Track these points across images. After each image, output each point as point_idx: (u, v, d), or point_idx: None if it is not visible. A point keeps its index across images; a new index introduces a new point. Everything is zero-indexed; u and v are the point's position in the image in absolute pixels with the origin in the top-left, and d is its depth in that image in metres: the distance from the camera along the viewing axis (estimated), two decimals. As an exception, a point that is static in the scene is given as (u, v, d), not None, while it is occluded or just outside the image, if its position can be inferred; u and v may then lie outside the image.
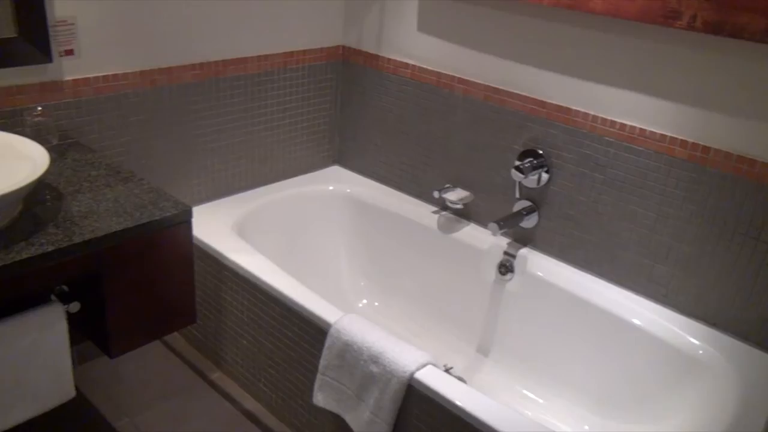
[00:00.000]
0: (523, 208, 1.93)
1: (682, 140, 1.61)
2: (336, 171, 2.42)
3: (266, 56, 2.09)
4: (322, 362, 1.59)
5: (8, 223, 1.28)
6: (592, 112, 1.75)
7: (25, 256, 1.18)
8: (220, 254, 1.84)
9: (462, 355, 2.08)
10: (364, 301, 2.28)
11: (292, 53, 2.15)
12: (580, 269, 1.88)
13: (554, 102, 1.82)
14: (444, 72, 2.03)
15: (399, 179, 2.28)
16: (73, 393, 1.36)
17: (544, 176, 1.87)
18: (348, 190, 2.30)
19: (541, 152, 1.86)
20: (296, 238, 2.23)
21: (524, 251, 1.95)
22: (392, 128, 2.24)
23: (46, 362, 1.29)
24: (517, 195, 1.94)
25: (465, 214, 2.11)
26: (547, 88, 1.83)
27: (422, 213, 2.17)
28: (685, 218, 1.65)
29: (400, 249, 2.22)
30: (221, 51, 1.97)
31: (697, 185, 1.61)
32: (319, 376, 1.61)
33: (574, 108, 1.78)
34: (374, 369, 1.48)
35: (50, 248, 1.21)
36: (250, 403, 1.90)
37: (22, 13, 1.54)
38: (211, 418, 1.85)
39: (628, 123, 1.69)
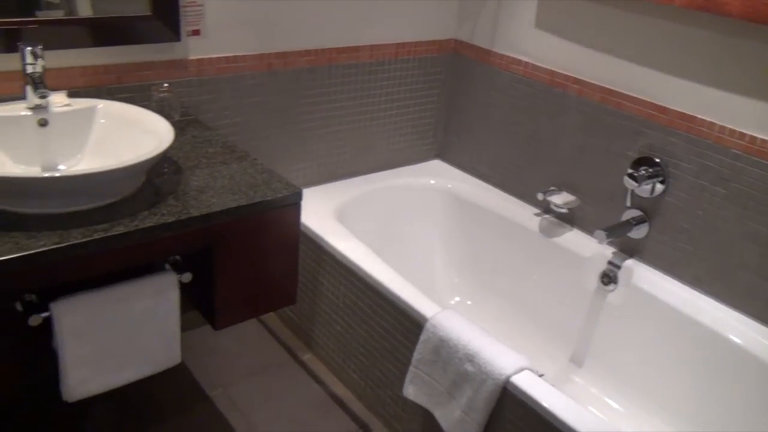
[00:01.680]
0: (633, 218, 1.85)
1: (820, 158, 1.50)
2: (437, 165, 2.40)
3: (379, 46, 2.09)
4: (416, 355, 1.59)
5: (133, 193, 1.34)
6: (719, 122, 1.65)
7: (147, 224, 1.23)
8: (321, 238, 1.87)
9: (554, 362, 2.02)
10: (457, 298, 2.26)
11: (404, 44, 2.15)
12: (689, 286, 1.78)
13: (677, 109, 1.73)
14: (558, 71, 1.97)
15: (501, 178, 2.24)
16: (179, 359, 1.42)
17: (659, 186, 1.78)
18: (449, 186, 2.28)
19: (657, 161, 1.77)
20: (393, 229, 2.23)
21: (630, 262, 1.87)
22: (499, 125, 2.20)
23: (157, 327, 1.35)
24: (628, 203, 1.86)
25: (569, 218, 2.05)
26: (670, 93, 1.74)
27: (524, 214, 2.12)
28: (815, 242, 1.54)
29: (498, 249, 2.18)
30: (335, 39, 1.99)
31: (833, 208, 1.49)
32: (411, 369, 1.60)
33: (699, 116, 1.68)
34: (469, 368, 1.46)
35: (170, 219, 1.26)
36: (338, 388, 1.92)
37: (157, -7, 1.61)
38: (299, 397, 1.89)
39: (759, 136, 1.58)
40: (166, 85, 1.64)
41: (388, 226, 2.22)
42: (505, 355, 1.44)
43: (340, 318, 1.89)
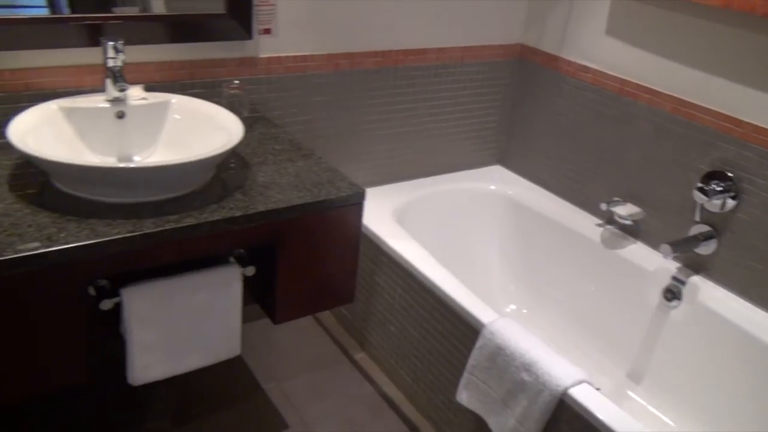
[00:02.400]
0: (701, 233, 1.79)
1: None
2: (498, 171, 2.38)
3: (445, 49, 2.09)
4: (471, 361, 1.58)
5: (202, 186, 1.37)
6: (799, 138, 1.58)
7: (216, 217, 1.26)
8: (379, 239, 1.88)
9: (610, 377, 1.98)
10: (513, 306, 2.23)
11: (470, 48, 2.14)
12: (759, 307, 1.72)
13: (752, 122, 1.67)
14: (629, 79, 1.93)
15: (564, 186, 2.20)
16: (239, 350, 1.45)
17: (730, 202, 1.72)
18: (510, 192, 2.26)
19: (730, 175, 1.71)
20: (451, 233, 2.23)
21: (696, 279, 1.81)
22: (563, 133, 2.16)
23: (220, 318, 1.38)
24: (697, 218, 1.80)
25: (633, 231, 2.00)
26: (746, 105, 1.68)
27: (585, 224, 2.08)
28: None
29: (557, 258, 2.15)
30: (403, 41, 2.00)
31: None
32: (465, 375, 1.60)
33: (777, 131, 1.62)
34: (525, 377, 1.44)
35: (237, 213, 1.29)
36: (390, 389, 1.93)
37: (232, -8, 1.65)
38: (351, 396, 1.90)
39: (843, 153, 1.51)
40: (236, 82, 1.67)
41: (446, 229, 2.21)
42: (564, 366, 1.41)
43: (394, 319, 1.89)
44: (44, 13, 1.48)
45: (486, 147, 2.36)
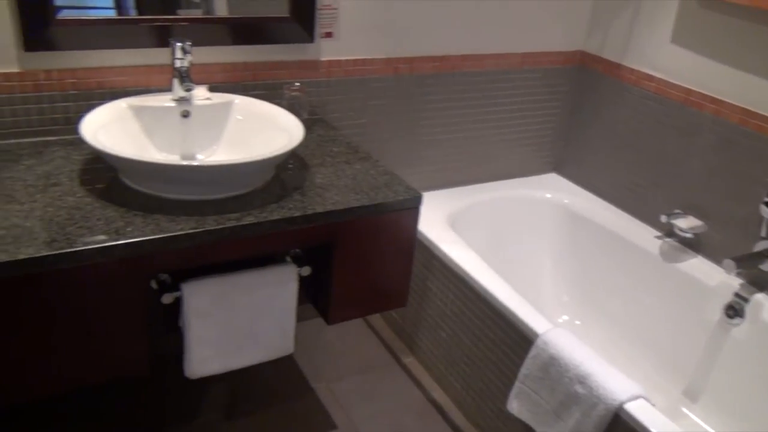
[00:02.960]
0: (767, 249, 1.73)
1: None
2: (553, 179, 2.35)
3: (504, 55, 2.08)
4: (523, 370, 1.56)
5: (262, 186, 1.40)
6: None
7: (275, 217, 1.28)
8: (433, 244, 1.88)
9: (664, 393, 1.92)
10: (565, 317, 2.20)
11: (529, 54, 2.12)
12: (828, 328, 1.65)
13: (827, 136, 1.60)
14: (694, 89, 1.88)
15: (622, 196, 2.15)
16: (292, 349, 1.46)
17: (800, 217, 1.66)
18: (565, 201, 2.23)
19: (801, 190, 1.65)
20: (504, 241, 2.20)
21: (760, 297, 1.75)
22: (623, 142, 2.12)
23: (275, 316, 1.40)
24: (763, 234, 1.74)
25: (694, 244, 1.94)
26: (821, 119, 1.61)
27: (644, 236, 2.03)
28: None
29: (613, 270, 2.10)
30: (462, 46, 1.99)
31: None
32: (517, 384, 1.58)
33: None
34: (579, 389, 1.41)
35: (296, 213, 1.31)
36: (439, 395, 1.92)
37: (297, -5, 1.68)
38: (399, 400, 1.90)
39: None
40: (297, 84, 1.70)
41: (500, 236, 2.20)
42: (620, 380, 1.38)
43: (445, 325, 1.89)
44: (111, 14, 1.53)
45: (542, 154, 2.33)
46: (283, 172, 1.48)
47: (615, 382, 1.38)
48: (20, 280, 1.09)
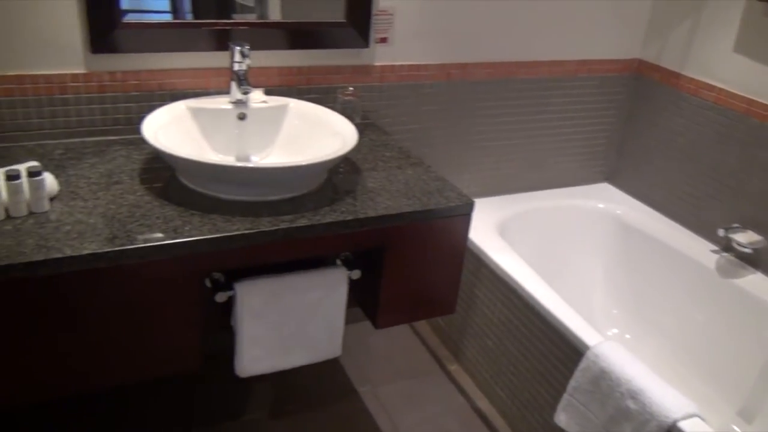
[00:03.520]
0: (832, 267, 1.67)
1: None
2: (606, 189, 2.31)
3: (559, 62, 2.05)
4: (572, 383, 1.53)
5: (315, 189, 1.41)
6: None
7: (328, 220, 1.29)
8: (482, 251, 1.86)
9: (717, 413, 1.87)
10: (615, 330, 2.15)
11: (585, 62, 2.09)
12: None
13: None
14: (758, 100, 1.82)
15: (677, 209, 2.10)
16: (340, 351, 1.47)
17: None
18: (618, 212, 2.18)
19: None
20: (554, 250, 2.17)
21: (823, 316, 1.68)
22: (680, 153, 2.07)
23: (325, 318, 1.41)
24: (828, 251, 1.68)
25: (753, 260, 1.88)
26: None
27: (700, 250, 1.98)
28: None
29: (666, 284, 2.05)
30: (516, 53, 1.98)
31: None
32: (565, 396, 1.55)
33: None
34: (631, 405, 1.38)
35: (349, 217, 1.31)
36: (483, 403, 1.90)
37: (353, 1, 1.69)
38: (443, 407, 1.89)
39: None
40: (351, 88, 1.71)
41: (549, 246, 2.17)
42: (674, 397, 1.35)
43: (492, 333, 1.87)
44: (168, 18, 1.56)
45: (595, 164, 2.30)
46: (335, 176, 1.49)
47: (669, 398, 1.34)
48: (83, 275, 1.12)
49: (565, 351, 1.59)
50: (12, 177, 1.16)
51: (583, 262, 2.21)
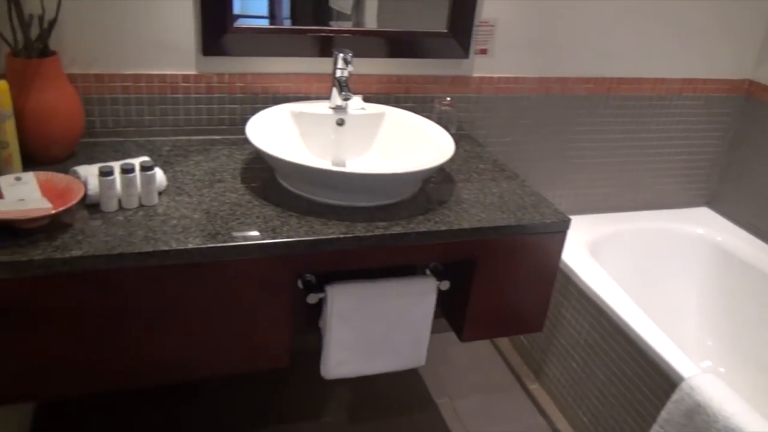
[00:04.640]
0: None
1: None
2: (705, 213, 2.21)
3: (663, 80, 1.98)
4: (664, 414, 1.47)
5: (410, 197, 1.41)
6: None
7: (422, 229, 1.29)
8: (571, 270, 1.82)
9: (820, 460, 1.74)
10: (708, 362, 2.05)
11: (691, 80, 2.01)
12: None
13: None
14: None
15: (784, 239, 1.99)
16: (423, 361, 1.47)
17: None
18: (718, 238, 2.08)
19: None
20: (647, 275, 2.09)
21: None
22: (791, 180, 1.95)
23: (411, 327, 1.41)
24: None
25: None
26: None
27: (808, 284, 1.86)
28: None
29: (766, 316, 1.94)
30: (618, 69, 1.92)
31: None
32: (655, 428, 1.49)
33: None
34: (728, 443, 1.31)
35: (443, 227, 1.31)
36: (564, 426, 1.85)
37: (455, 12, 1.69)
38: (522, 426, 1.85)
39: None
40: (448, 99, 1.70)
41: (642, 269, 2.09)
42: (776, 439, 1.27)
43: (577, 355, 1.82)
44: (265, 23, 1.60)
45: (694, 187, 2.20)
46: (428, 185, 1.49)
47: (771, 440, 1.27)
48: (186, 268, 1.17)
49: (656, 380, 1.52)
50: (127, 170, 1.22)
51: (677, 288, 2.12)
